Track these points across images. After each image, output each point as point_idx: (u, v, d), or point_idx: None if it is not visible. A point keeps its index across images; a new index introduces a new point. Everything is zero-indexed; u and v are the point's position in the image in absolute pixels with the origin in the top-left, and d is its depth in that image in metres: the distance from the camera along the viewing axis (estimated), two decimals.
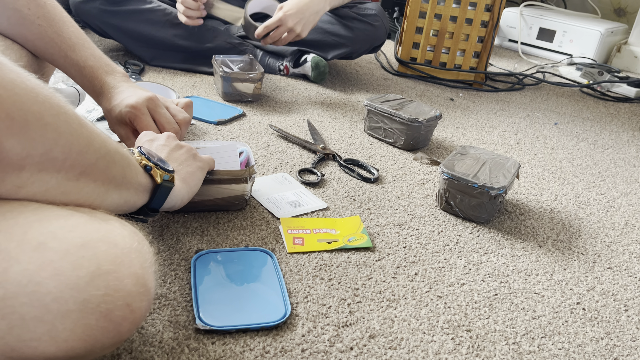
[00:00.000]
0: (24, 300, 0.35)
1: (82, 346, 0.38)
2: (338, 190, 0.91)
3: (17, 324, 0.35)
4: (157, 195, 0.58)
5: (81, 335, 0.37)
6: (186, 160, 0.68)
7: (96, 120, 1.03)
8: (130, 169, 0.52)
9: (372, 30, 1.46)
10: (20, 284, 0.36)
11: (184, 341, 0.55)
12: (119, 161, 0.49)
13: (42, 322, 0.36)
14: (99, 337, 0.38)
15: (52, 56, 0.76)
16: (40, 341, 0.36)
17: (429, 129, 1.12)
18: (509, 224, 0.87)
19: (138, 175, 0.54)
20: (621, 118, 1.54)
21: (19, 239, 0.37)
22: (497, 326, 0.63)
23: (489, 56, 1.65)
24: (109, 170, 0.47)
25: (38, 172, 0.39)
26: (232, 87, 1.23)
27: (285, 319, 0.59)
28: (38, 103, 0.38)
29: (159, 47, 1.39)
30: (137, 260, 0.42)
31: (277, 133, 1.10)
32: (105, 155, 0.46)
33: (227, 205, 0.78)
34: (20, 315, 0.35)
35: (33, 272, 0.36)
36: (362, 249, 0.75)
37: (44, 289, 0.36)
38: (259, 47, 1.51)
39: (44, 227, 0.39)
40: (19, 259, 0.36)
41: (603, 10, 2.49)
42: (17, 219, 0.38)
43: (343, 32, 1.44)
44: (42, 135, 0.39)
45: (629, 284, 0.75)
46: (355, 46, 1.46)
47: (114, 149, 0.48)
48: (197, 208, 0.77)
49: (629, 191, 1.06)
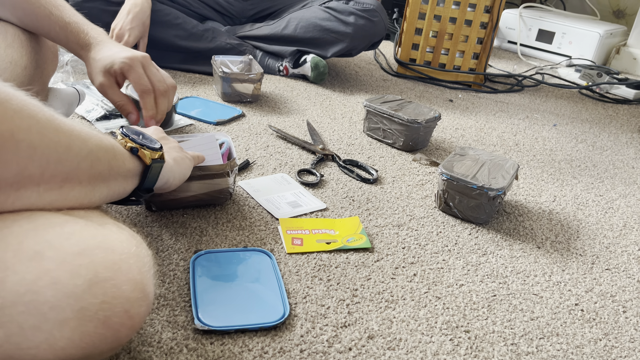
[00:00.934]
0: (21, 309, 0.35)
1: (80, 353, 0.38)
2: (337, 190, 0.91)
3: (15, 333, 0.35)
4: (148, 177, 0.56)
5: (79, 343, 0.37)
6: (174, 148, 0.68)
7: (95, 120, 1.03)
8: (116, 159, 0.51)
9: (371, 26, 1.45)
10: (18, 293, 0.36)
11: (182, 341, 0.55)
12: (103, 157, 0.48)
13: (40, 331, 0.36)
14: (97, 344, 0.38)
15: (36, 17, 0.77)
16: (38, 349, 0.36)
17: (428, 130, 1.12)
18: (508, 225, 0.87)
19: (125, 162, 0.53)
20: (620, 120, 1.55)
21: (15, 249, 0.37)
22: (496, 327, 0.64)
23: (488, 57, 1.65)
24: (93, 169, 0.46)
25: (15, 191, 0.39)
26: (231, 87, 1.23)
27: (284, 320, 0.59)
28: (7, 120, 0.36)
29: (159, 48, 1.39)
30: (135, 265, 0.41)
31: (277, 133, 1.10)
32: (88, 156, 0.45)
33: (211, 200, 0.78)
34: (18, 324, 0.36)
35: (30, 282, 0.36)
36: (361, 250, 0.75)
37: (42, 298, 0.36)
38: (258, 47, 1.51)
39: (39, 236, 0.38)
40: (16, 269, 0.36)
41: (602, 12, 2.50)
42: (12, 228, 0.38)
43: (341, 28, 1.43)
44: (15, 154, 0.37)
45: (627, 285, 0.75)
46: (355, 42, 1.45)
47: (96, 144, 0.46)
48: (182, 204, 0.77)
49: (628, 193, 1.06)
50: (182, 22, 1.39)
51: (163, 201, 0.75)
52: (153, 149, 0.57)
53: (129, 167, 0.54)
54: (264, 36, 1.48)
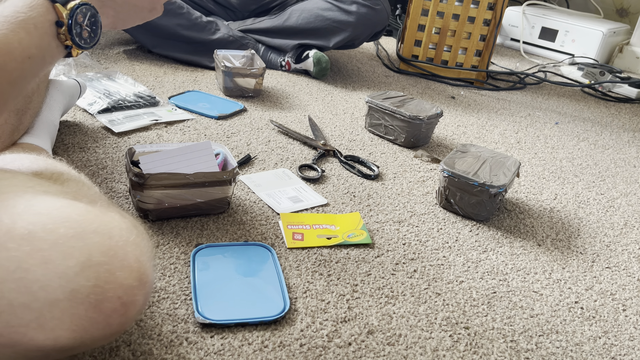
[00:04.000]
0: (11, 286, 0.36)
1: (70, 336, 0.38)
2: (338, 186, 0.91)
3: (5, 310, 0.36)
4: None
5: (69, 325, 0.37)
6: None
7: (97, 112, 1.03)
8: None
9: (373, 14, 1.45)
10: (8, 270, 0.36)
11: (182, 334, 0.55)
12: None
13: (29, 309, 0.36)
14: (87, 328, 0.38)
15: None
16: (28, 327, 0.36)
17: (430, 126, 1.12)
18: (509, 222, 0.87)
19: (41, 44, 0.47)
20: (622, 118, 1.54)
21: (8, 228, 0.37)
22: (495, 324, 0.64)
23: (490, 55, 1.64)
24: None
25: None
26: (233, 82, 1.23)
27: (284, 314, 0.59)
28: None
29: (161, 36, 1.38)
30: (132, 253, 0.41)
31: (278, 129, 1.10)
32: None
33: (209, 209, 0.76)
34: (8, 300, 0.36)
35: (21, 259, 0.36)
36: (361, 245, 0.75)
37: (32, 276, 0.36)
38: (260, 41, 1.50)
39: (35, 217, 0.39)
40: (7, 246, 0.36)
41: (605, 10, 2.49)
42: (8, 209, 0.39)
43: (343, 17, 1.43)
44: None
45: (627, 283, 0.75)
46: (357, 31, 1.45)
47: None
48: (179, 214, 0.75)
49: (629, 191, 1.06)
50: (186, 12, 1.38)
51: (160, 210, 0.73)
52: (82, 45, 0.51)
53: (55, 56, 0.50)
54: (266, 29, 1.48)
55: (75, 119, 1.01)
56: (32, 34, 0.46)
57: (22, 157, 0.62)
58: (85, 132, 0.96)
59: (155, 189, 0.70)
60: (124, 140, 0.95)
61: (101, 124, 1.00)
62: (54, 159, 0.66)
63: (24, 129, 0.78)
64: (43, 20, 0.47)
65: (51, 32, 0.48)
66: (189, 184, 0.71)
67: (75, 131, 0.96)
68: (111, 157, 0.89)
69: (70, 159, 0.87)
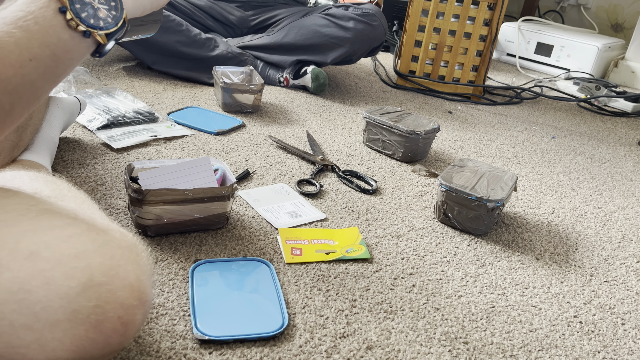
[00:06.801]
0: (13, 307, 0.36)
1: (70, 357, 0.38)
2: (336, 201, 0.91)
3: (5, 331, 0.36)
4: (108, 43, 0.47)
5: (70, 346, 0.37)
6: None
7: (97, 129, 1.03)
8: (62, 60, 0.43)
9: (371, 30, 1.46)
10: (10, 291, 0.36)
11: (181, 351, 0.55)
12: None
13: (30, 330, 0.36)
14: (88, 348, 0.38)
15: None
16: (28, 349, 0.36)
17: (428, 141, 1.13)
18: (507, 236, 0.88)
19: (75, 53, 0.44)
20: (618, 132, 1.55)
21: (11, 248, 0.37)
22: (494, 339, 0.63)
23: (487, 70, 1.66)
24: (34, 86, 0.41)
25: None
26: (232, 98, 1.24)
27: (283, 330, 0.59)
28: None
29: (161, 52, 1.40)
30: (133, 272, 0.41)
31: (277, 144, 1.11)
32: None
33: (208, 224, 0.76)
34: (10, 321, 0.36)
35: (23, 280, 0.36)
36: (360, 260, 0.75)
37: (34, 297, 0.36)
38: (259, 58, 1.52)
39: (37, 237, 0.39)
40: (10, 267, 0.36)
41: (600, 25, 2.52)
42: (12, 229, 0.39)
43: (341, 33, 1.44)
44: None
45: (625, 297, 0.75)
46: (354, 47, 1.46)
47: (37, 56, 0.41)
48: (178, 229, 0.75)
49: (626, 205, 1.06)
50: (185, 29, 1.40)
51: (159, 226, 0.73)
52: (107, 26, 0.45)
53: (83, 52, 0.45)
54: (264, 45, 1.49)
55: (75, 135, 1.01)
56: (33, 31, 0.40)
57: (22, 175, 0.62)
58: (84, 148, 0.97)
59: (154, 204, 0.70)
60: (123, 157, 0.96)
61: (100, 140, 1.00)
62: (53, 175, 0.67)
63: (23, 146, 0.79)
64: (44, 12, 0.41)
65: (58, 23, 0.42)
66: (187, 200, 0.71)
67: (75, 147, 0.97)
68: (110, 173, 0.89)
69: (69, 175, 0.87)
